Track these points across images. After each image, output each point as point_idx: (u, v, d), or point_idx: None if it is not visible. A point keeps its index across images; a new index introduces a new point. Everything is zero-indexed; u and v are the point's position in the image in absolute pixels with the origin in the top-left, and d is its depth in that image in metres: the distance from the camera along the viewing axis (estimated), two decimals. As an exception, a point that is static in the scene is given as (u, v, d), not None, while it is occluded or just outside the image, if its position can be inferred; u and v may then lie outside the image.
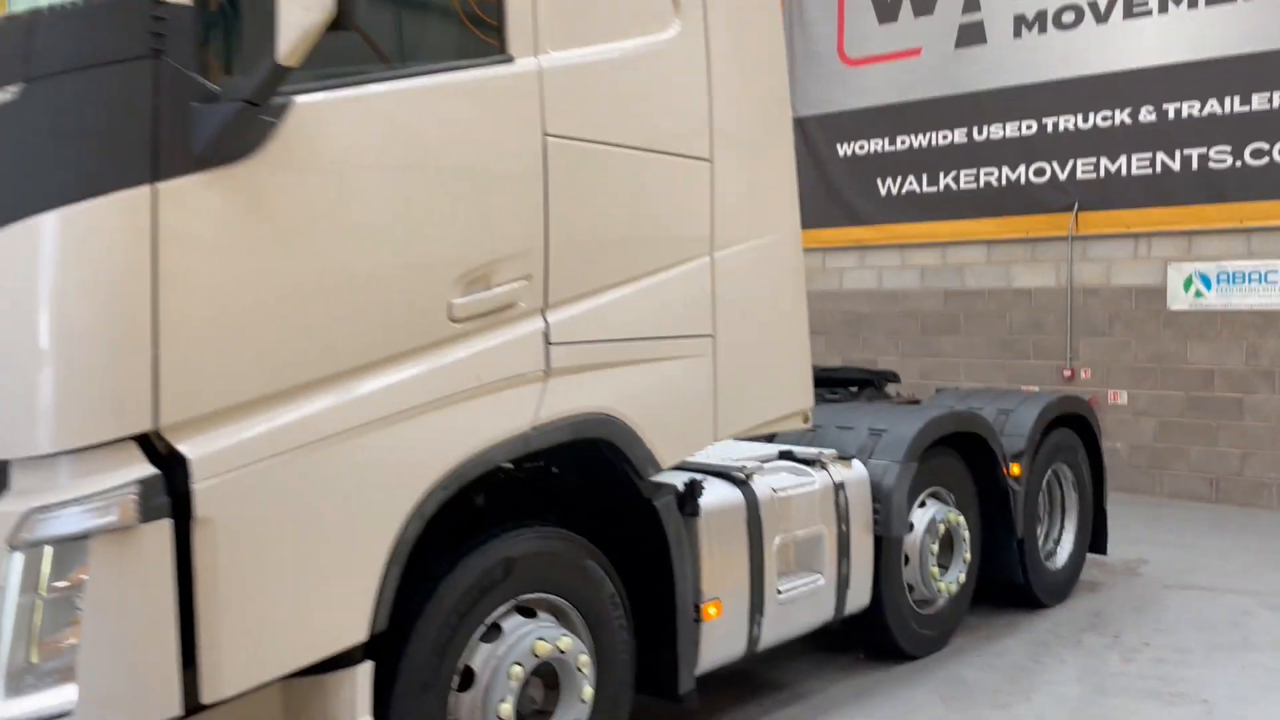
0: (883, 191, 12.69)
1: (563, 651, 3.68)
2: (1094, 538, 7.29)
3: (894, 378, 7.60)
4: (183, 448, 2.76)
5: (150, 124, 2.70)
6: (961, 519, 5.86)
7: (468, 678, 3.52)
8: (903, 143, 12.54)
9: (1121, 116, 11.02)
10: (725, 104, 4.32)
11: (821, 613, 4.98)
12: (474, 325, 3.39)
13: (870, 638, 5.67)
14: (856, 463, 5.28)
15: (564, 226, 3.66)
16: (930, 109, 12.27)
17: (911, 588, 5.66)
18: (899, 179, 12.56)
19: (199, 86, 2.77)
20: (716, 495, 4.45)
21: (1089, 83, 11.16)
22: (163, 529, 2.70)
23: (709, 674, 5.20)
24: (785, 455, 5.08)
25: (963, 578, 5.88)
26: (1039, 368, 11.60)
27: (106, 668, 2.65)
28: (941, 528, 5.70)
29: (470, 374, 3.38)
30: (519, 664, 3.55)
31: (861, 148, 12.86)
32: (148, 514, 2.67)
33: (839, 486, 5.05)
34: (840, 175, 13.03)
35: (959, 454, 6.01)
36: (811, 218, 13.11)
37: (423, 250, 3.25)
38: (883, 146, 12.69)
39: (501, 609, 3.60)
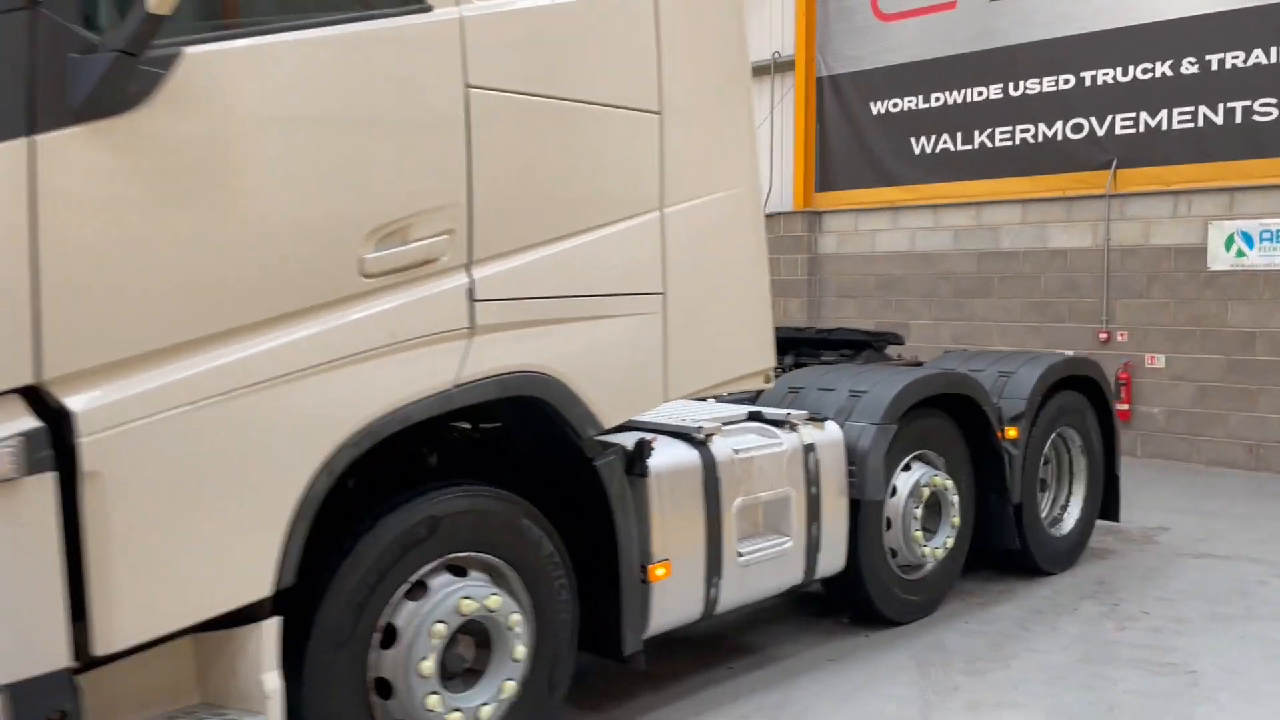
0: (916, 150, 12.40)
1: (491, 610, 3.65)
2: (1105, 504, 7.08)
3: (896, 339, 7.43)
4: (68, 402, 2.76)
5: (26, 76, 2.68)
6: (949, 483, 5.71)
7: (392, 635, 3.51)
8: (936, 100, 12.21)
9: (1162, 69, 10.60)
10: (676, 54, 4.20)
11: (788, 575, 4.89)
12: (388, 280, 3.35)
13: (851, 602, 5.58)
14: (831, 424, 5.16)
15: (490, 181, 3.59)
16: (965, 64, 11.93)
17: (895, 552, 5.54)
18: (932, 137, 12.26)
19: (78, 37, 2.74)
20: (670, 456, 4.37)
21: (1128, 34, 10.75)
22: (45, 482, 2.71)
23: (674, 635, 5.19)
24: (754, 416, 4.98)
25: (950, 543, 5.74)
26: (1074, 331, 11.28)
27: (-8, 617, 2.67)
28: (926, 491, 5.56)
29: (384, 330, 3.33)
30: (442, 622, 3.53)
31: (895, 105, 12.56)
32: (30, 467, 2.68)
33: (809, 448, 4.94)
34: (873, 134, 12.76)
35: (950, 417, 5.85)
36: (844, 178, 12.97)
37: (329, 205, 3.20)
38: (916, 104, 12.38)
39: (427, 567, 3.58)
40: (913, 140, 12.43)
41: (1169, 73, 10.55)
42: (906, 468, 5.60)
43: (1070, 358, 6.69)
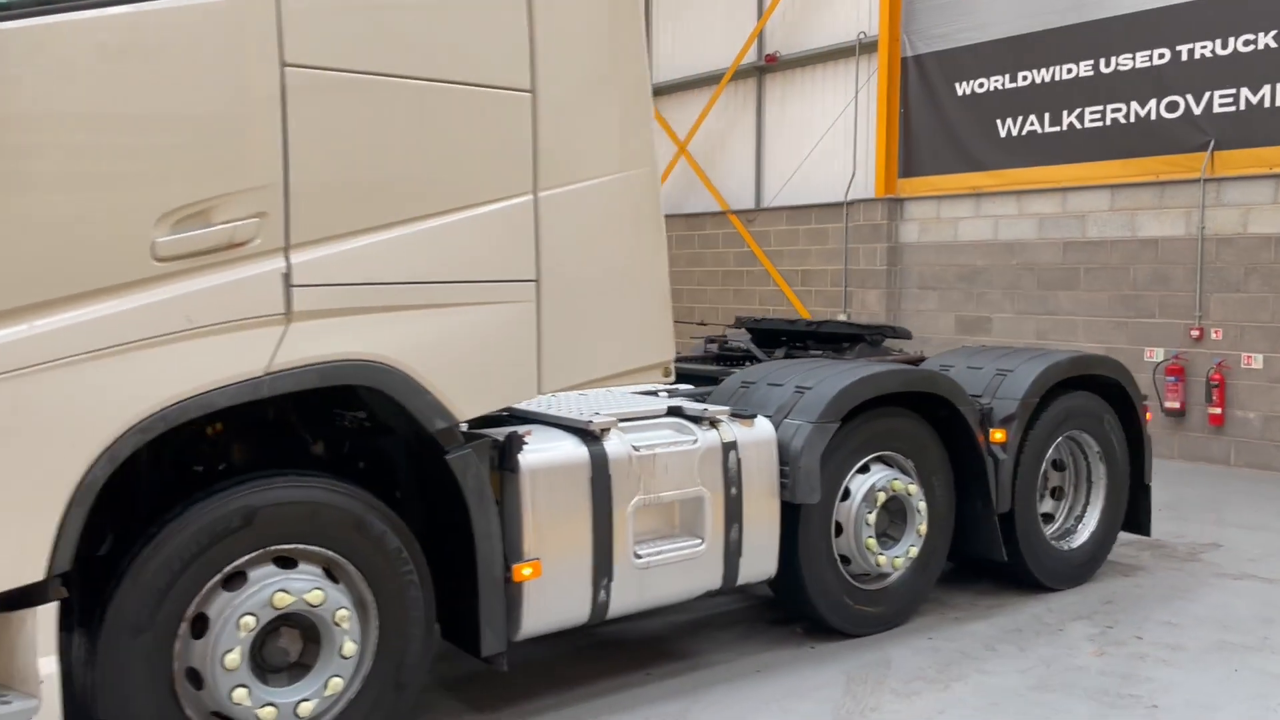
0: (1001, 133, 11.71)
1: (312, 605, 3.55)
2: (1133, 516, 6.47)
3: (897, 333, 6.97)
4: None
5: None
6: (914, 487, 5.30)
7: (205, 625, 3.45)
8: (1024, 79, 11.50)
9: (1265, 39, 9.66)
10: (556, 31, 4.00)
11: (702, 580, 4.61)
12: (186, 264, 3.28)
13: (800, 612, 5.26)
14: (761, 422, 4.85)
15: (312, 163, 3.48)
16: (1054, 40, 11.19)
17: (847, 559, 5.18)
18: (1019, 119, 11.55)
19: None
20: (550, 452, 4.18)
21: (1227, 3, 9.83)
22: None
23: (607, 636, 5.02)
24: (674, 411, 4.72)
25: (915, 551, 5.33)
26: (1164, 327, 10.43)
27: None
28: (881, 496, 5.17)
29: (180, 315, 3.27)
30: (251, 614, 3.45)
31: (980, 86, 11.89)
32: None
33: (728, 447, 4.65)
34: (958, 117, 12.12)
35: (924, 417, 5.43)
36: (927, 163, 12.38)
37: (114, 188, 3.15)
38: (1002, 83, 11.69)
39: (245, 558, 3.50)
40: (998, 122, 11.74)
41: (1273, 44, 9.60)
42: (864, 469, 5.23)
43: (1078, 355, 6.11)
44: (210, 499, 3.45)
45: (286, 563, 3.61)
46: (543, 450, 4.16)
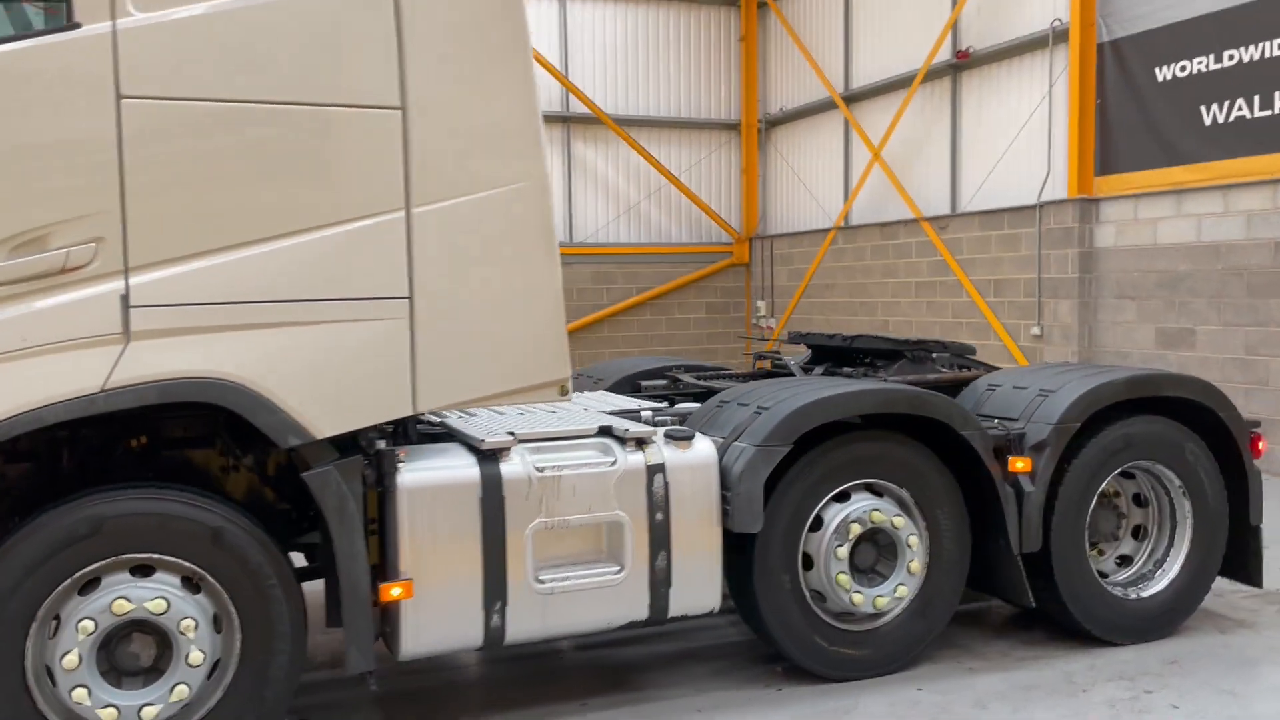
0: (1206, 120, 10.36)
1: (155, 613, 3.69)
2: (1237, 563, 5.51)
3: (949, 348, 6.27)
4: None
5: None
6: (901, 519, 4.78)
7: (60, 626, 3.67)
8: (1230, 58, 10.13)
9: None
10: (427, 46, 3.96)
11: (622, 610, 4.37)
12: (22, 288, 3.51)
13: (775, 650, 4.88)
14: (701, 444, 4.54)
15: (150, 189, 3.63)
16: (1264, 11, 9.78)
17: (823, 597, 4.75)
18: (1225, 104, 10.18)
19: None
20: (435, 471, 4.12)
21: None
22: None
23: (560, 662, 4.90)
24: (604, 431, 4.51)
25: (904, 591, 4.80)
26: (1395, 339, 8.82)
27: None
28: (855, 528, 4.70)
29: (15, 335, 3.50)
30: (91, 619, 3.63)
31: (1182, 69, 10.59)
32: None
33: (654, 469, 4.39)
34: (1157, 105, 10.87)
35: (927, 441, 4.89)
36: (1124, 159, 11.23)
37: (-52, 214, 3.43)
38: (1207, 65, 10.35)
39: (97, 564, 3.69)
40: (1202, 109, 10.39)
41: None
42: (842, 497, 4.77)
43: (1142, 374, 5.26)
44: (61, 507, 3.67)
45: (146, 571, 3.77)
46: (426, 470, 4.11)
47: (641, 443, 4.45)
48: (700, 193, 17.62)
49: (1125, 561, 5.50)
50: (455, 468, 4.16)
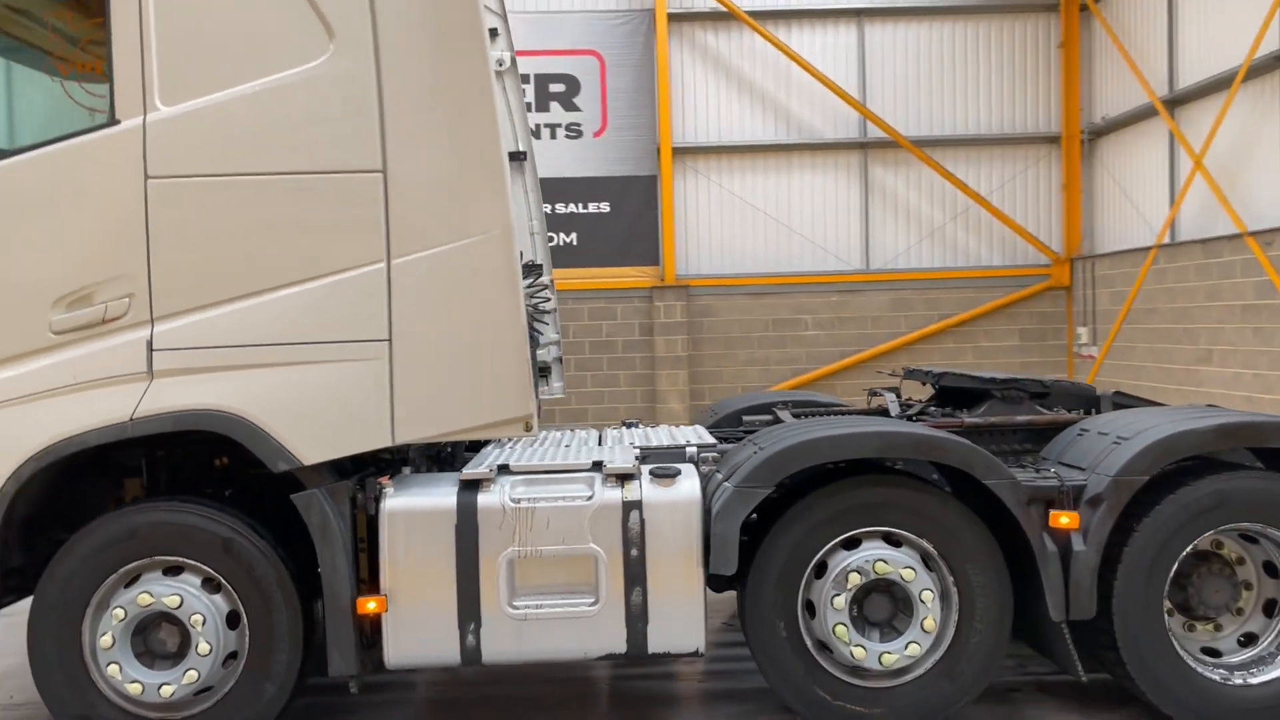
0: None
1: (171, 608, 4.40)
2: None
3: (1051, 387, 5.56)
4: None
5: None
6: (914, 573, 4.47)
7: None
8: None
9: None
10: (403, 113, 4.41)
11: (598, 642, 4.49)
12: (75, 335, 4.37)
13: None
14: (685, 483, 4.54)
15: (170, 252, 4.37)
16: None
17: (828, 648, 4.56)
18: None
19: None
20: (416, 499, 4.51)
21: None
22: None
23: (559, 690, 5.17)
24: (596, 465, 4.66)
25: (916, 649, 4.49)
26: None
27: None
28: (855, 578, 4.47)
29: (67, 373, 4.36)
30: (122, 609, 4.40)
31: None
32: None
33: (630, 506, 4.48)
34: None
35: (965, 489, 4.55)
36: None
37: (17, 282, 4.35)
38: None
39: (135, 563, 4.46)
40: None
41: None
42: (853, 544, 4.55)
43: (1240, 421, 4.45)
44: (112, 515, 4.49)
45: (177, 571, 4.50)
46: (409, 497, 4.52)
47: (624, 479, 4.56)
48: (1012, 212, 16.62)
49: (1250, 640, 4.71)
50: (435, 496, 4.52)
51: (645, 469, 4.61)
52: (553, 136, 16.25)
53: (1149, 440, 4.49)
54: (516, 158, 6.89)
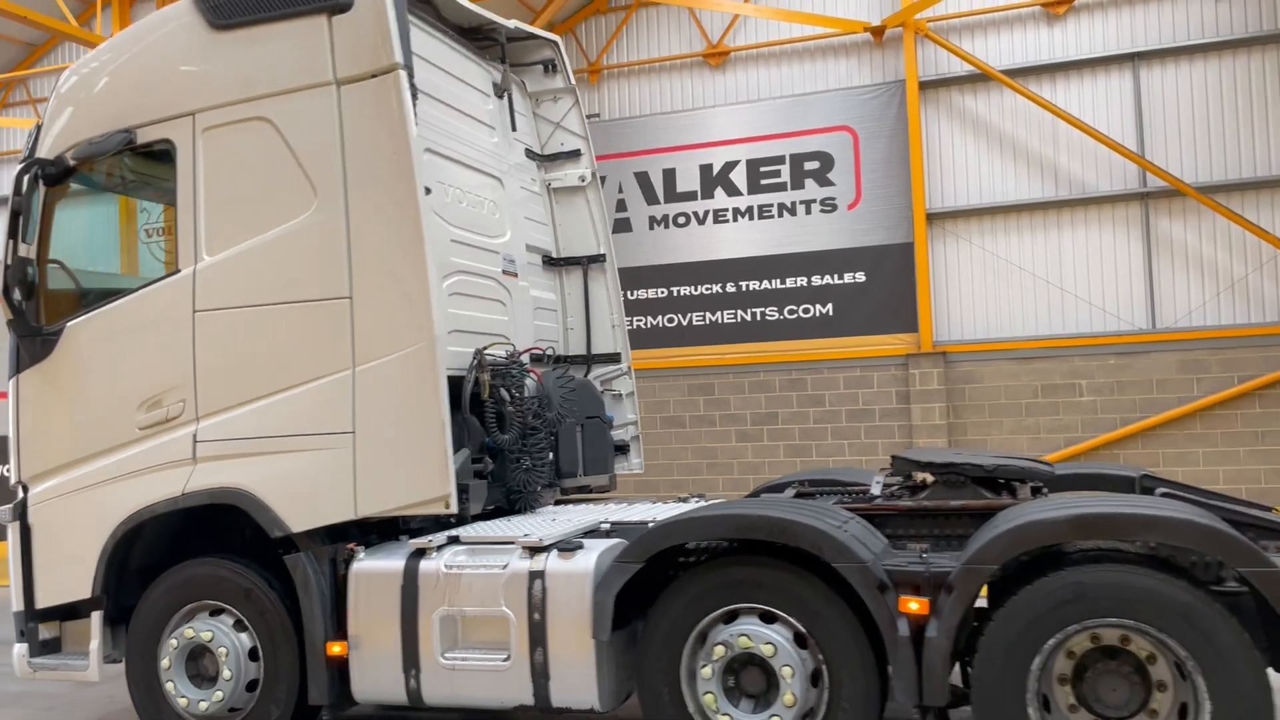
0: None
1: (204, 640, 5.70)
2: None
3: (995, 471, 5.28)
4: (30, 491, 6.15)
5: (14, 347, 6.22)
6: (777, 648, 4.73)
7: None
8: None
9: None
10: (362, 251, 5.50)
11: (511, 693, 5.15)
12: (150, 431, 5.85)
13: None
14: (584, 556, 5.10)
15: (209, 368, 5.74)
16: None
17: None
18: None
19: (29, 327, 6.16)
20: (377, 563, 5.47)
21: None
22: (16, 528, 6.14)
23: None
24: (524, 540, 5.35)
25: (776, 727, 4.72)
26: None
27: None
28: (719, 650, 4.81)
29: (145, 460, 5.84)
30: (174, 639, 5.76)
31: None
32: (13, 515, 6.15)
33: (535, 575, 5.14)
34: None
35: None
36: None
37: (120, 391, 5.91)
38: None
39: (189, 606, 5.82)
40: None
41: None
42: (731, 618, 4.90)
43: (1097, 512, 4.20)
44: (175, 568, 5.90)
45: (216, 612, 5.81)
46: (372, 561, 5.50)
47: (535, 551, 5.24)
48: (1332, 258, 14.72)
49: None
50: (390, 561, 5.47)
51: (543, 540, 5.25)
52: (808, 212, 16.81)
53: (1002, 529, 4.44)
54: (596, 260, 7.81)
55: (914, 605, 4.54)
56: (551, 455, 6.71)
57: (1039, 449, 15.49)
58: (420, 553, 5.45)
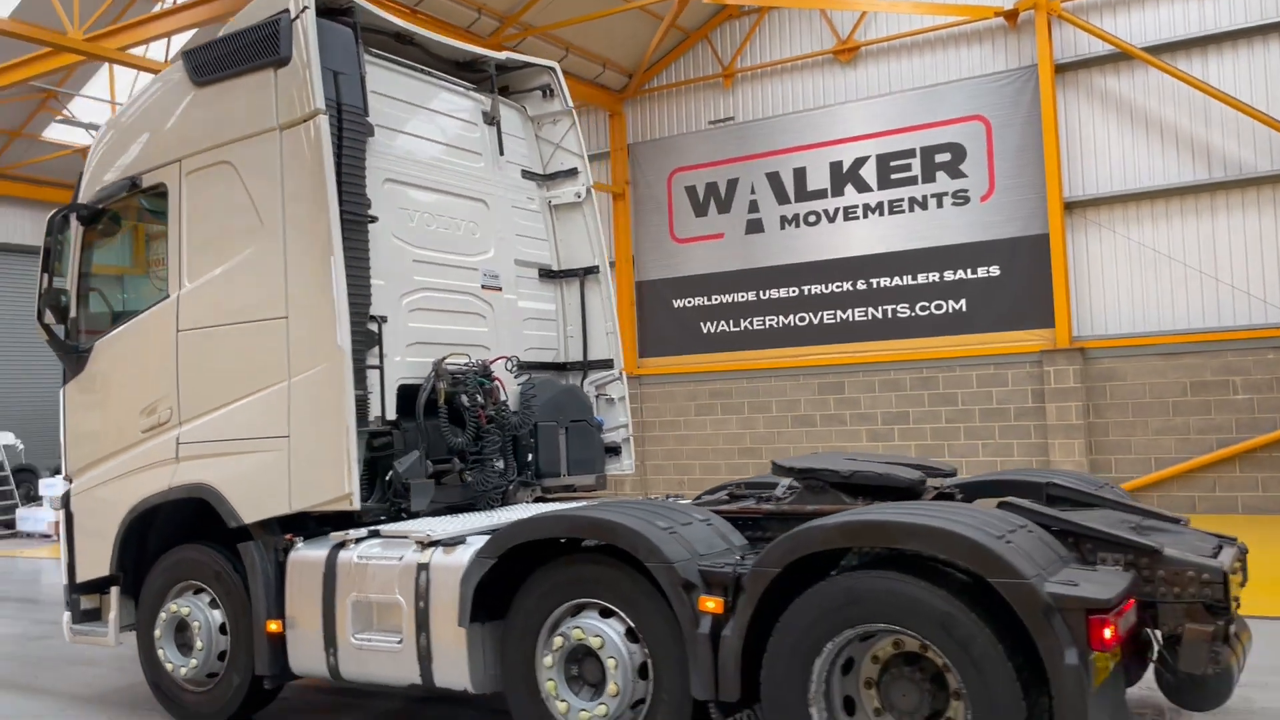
0: None
1: (184, 616, 6.55)
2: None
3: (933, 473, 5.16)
4: (72, 482, 7.28)
5: (64, 366, 7.36)
6: (604, 641, 4.97)
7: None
8: None
9: None
10: (294, 277, 6.19)
11: (404, 673, 5.64)
12: (148, 434, 6.80)
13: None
14: (463, 551, 5.50)
15: (188, 379, 6.61)
16: None
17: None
18: None
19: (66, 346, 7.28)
20: (309, 553, 6.13)
21: None
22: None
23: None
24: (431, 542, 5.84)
25: (603, 710, 4.98)
26: None
27: None
28: (557, 640, 5.12)
29: (142, 459, 6.79)
30: (164, 613, 6.65)
31: None
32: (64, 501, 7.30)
33: (421, 567, 5.63)
34: None
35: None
36: None
37: (130, 399, 6.90)
38: None
39: (178, 585, 6.69)
40: None
41: None
42: (577, 612, 5.22)
43: (864, 520, 4.17)
44: (171, 550, 6.81)
45: (198, 590, 6.69)
46: (305, 550, 6.18)
47: (424, 546, 5.75)
48: None
49: (961, 754, 4.41)
50: (318, 551, 6.11)
51: (430, 536, 5.73)
52: (939, 205, 16.39)
53: (784, 534, 4.52)
54: (592, 272, 8.23)
55: (711, 604, 4.69)
56: (514, 457, 7.18)
57: (1188, 451, 14.47)
58: (341, 544, 6.07)
